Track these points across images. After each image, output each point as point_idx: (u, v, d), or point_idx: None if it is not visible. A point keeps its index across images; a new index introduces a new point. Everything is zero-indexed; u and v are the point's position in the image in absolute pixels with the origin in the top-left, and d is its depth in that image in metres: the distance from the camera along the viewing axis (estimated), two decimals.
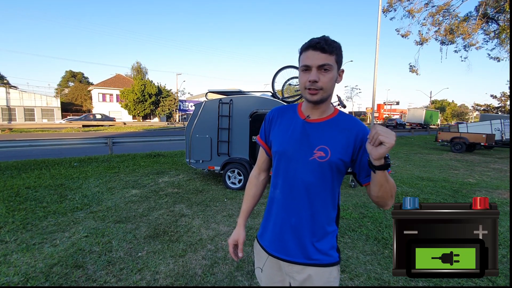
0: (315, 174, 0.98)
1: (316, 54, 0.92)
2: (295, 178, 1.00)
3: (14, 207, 3.90)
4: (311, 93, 0.95)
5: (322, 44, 0.91)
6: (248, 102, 5.13)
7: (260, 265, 1.11)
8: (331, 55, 0.92)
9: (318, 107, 1.01)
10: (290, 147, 1.02)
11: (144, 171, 6.53)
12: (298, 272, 1.02)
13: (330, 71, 0.93)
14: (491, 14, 12.95)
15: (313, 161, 0.97)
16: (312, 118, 1.02)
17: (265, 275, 1.10)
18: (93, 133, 19.41)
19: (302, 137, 1.01)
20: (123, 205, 4.14)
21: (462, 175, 7.06)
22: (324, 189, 0.99)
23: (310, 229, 1.00)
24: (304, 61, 0.95)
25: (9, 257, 2.62)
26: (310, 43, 0.94)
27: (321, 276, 1.00)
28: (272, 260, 1.07)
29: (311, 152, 0.98)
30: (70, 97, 43.19)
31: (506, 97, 26.49)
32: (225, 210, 4.04)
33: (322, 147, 0.97)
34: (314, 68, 0.92)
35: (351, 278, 2.42)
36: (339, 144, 0.97)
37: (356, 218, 3.76)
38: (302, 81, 0.96)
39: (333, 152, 0.96)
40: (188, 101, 38.28)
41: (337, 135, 0.98)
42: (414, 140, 17.91)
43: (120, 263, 2.57)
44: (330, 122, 1.01)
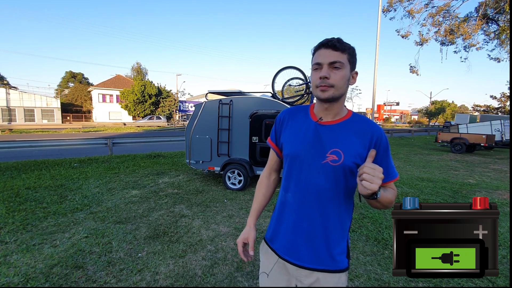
0: (328, 179, 0.95)
1: (327, 51, 0.92)
2: (307, 182, 0.98)
3: (14, 208, 3.90)
4: (322, 90, 0.93)
5: (334, 41, 0.92)
6: (248, 103, 5.13)
7: (267, 270, 1.09)
8: (343, 53, 0.92)
9: (331, 108, 0.99)
10: (302, 150, 0.99)
11: (144, 172, 6.53)
12: (306, 276, 1.01)
13: (342, 69, 0.92)
14: (491, 14, 12.96)
15: (325, 164, 0.95)
16: (325, 121, 1.00)
17: (271, 279, 1.08)
18: (93, 133, 19.42)
19: (314, 140, 0.98)
20: (123, 206, 4.14)
21: (462, 176, 7.05)
22: (338, 193, 0.97)
23: (322, 234, 0.98)
24: (315, 59, 0.94)
25: (9, 258, 2.62)
26: (322, 42, 0.94)
27: (329, 281, 0.99)
28: (280, 263, 1.06)
29: (323, 155, 0.95)
30: (70, 98, 43.18)
31: (506, 97, 26.51)
32: (225, 211, 4.04)
33: (335, 150, 0.95)
34: (325, 65, 0.91)
35: (351, 279, 2.42)
36: (353, 147, 0.95)
37: (356, 219, 3.76)
38: (314, 79, 0.95)
39: (346, 156, 0.93)
40: (188, 102, 38.29)
41: (351, 138, 0.96)
42: (414, 141, 17.93)
43: (120, 264, 2.57)
44: (344, 125, 0.99)
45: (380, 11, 13.13)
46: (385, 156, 0.97)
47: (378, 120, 57.08)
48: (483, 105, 31.12)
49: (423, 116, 57.77)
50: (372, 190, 0.78)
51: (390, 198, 0.92)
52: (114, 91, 39.41)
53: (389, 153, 0.99)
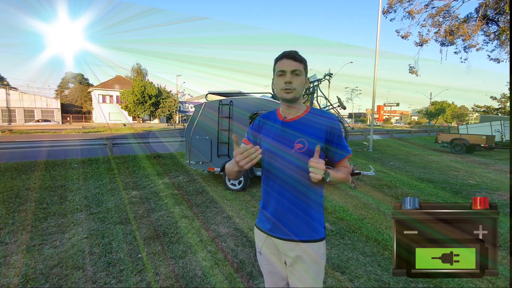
0: (299, 164, 1.14)
1: (289, 61, 1.14)
2: (282, 170, 1.17)
3: (14, 209, 3.90)
4: (286, 92, 1.14)
5: (294, 53, 1.15)
6: (248, 104, 5.13)
7: (259, 249, 1.29)
8: (300, 63, 1.15)
9: (293, 107, 1.21)
10: (274, 145, 1.19)
11: (144, 173, 6.52)
12: (291, 249, 1.17)
13: (301, 76, 1.15)
14: (491, 15, 12.97)
15: (295, 152, 1.15)
16: (289, 118, 1.22)
17: (264, 256, 1.27)
18: (93, 134, 19.42)
19: (282, 135, 1.19)
20: (123, 207, 4.14)
21: (462, 177, 7.05)
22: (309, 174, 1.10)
23: (301, 210, 1.16)
24: (279, 67, 1.15)
25: (9, 259, 2.62)
26: (284, 53, 1.17)
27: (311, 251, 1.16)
28: (269, 240, 1.23)
29: (292, 145, 1.16)
30: (70, 99, 43.21)
31: (506, 98, 26.50)
32: (225, 212, 4.04)
33: (300, 139, 1.16)
34: (288, 72, 1.13)
35: (351, 279, 2.41)
36: (314, 135, 1.16)
37: (356, 220, 3.76)
38: (279, 83, 1.16)
39: (309, 143, 1.14)
40: (188, 103, 38.29)
41: (311, 128, 1.17)
42: (414, 142, 17.92)
43: (120, 265, 2.57)
44: (304, 119, 1.21)
45: (380, 12, 13.14)
46: (339, 141, 1.19)
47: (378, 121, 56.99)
48: (483, 106, 31.09)
49: (423, 116, 57.80)
50: (318, 179, 1.03)
51: (342, 176, 1.15)
52: (114, 92, 39.44)
53: (342, 137, 1.20)
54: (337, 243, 3.09)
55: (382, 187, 5.67)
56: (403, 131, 28.19)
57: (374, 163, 8.78)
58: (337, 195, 4.98)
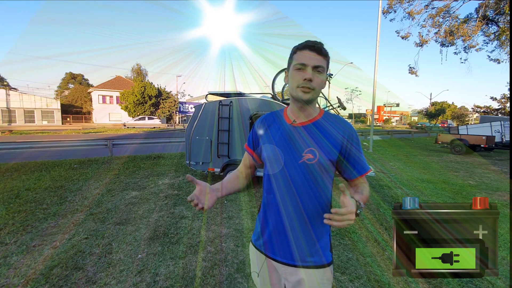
0: (306, 177, 0.98)
1: (313, 54, 0.93)
2: (286, 182, 1.00)
3: (14, 209, 3.89)
4: (304, 91, 0.94)
5: (319, 45, 0.94)
6: (248, 104, 5.13)
7: (257, 269, 1.12)
8: (325, 58, 0.95)
9: (305, 109, 1.01)
10: (278, 153, 1.02)
11: (144, 173, 6.52)
12: (291, 274, 1.02)
13: (323, 74, 0.95)
14: (491, 16, 13.00)
15: (302, 164, 0.98)
16: (298, 122, 1.03)
17: (261, 279, 1.10)
18: (93, 135, 19.42)
19: (290, 141, 1.01)
20: (123, 207, 4.14)
21: (462, 177, 7.05)
22: (317, 190, 0.99)
23: (304, 230, 1.00)
24: (299, 59, 0.94)
25: (9, 259, 2.62)
26: (307, 43, 0.95)
27: (314, 278, 1.00)
28: (269, 262, 1.07)
29: (300, 155, 0.98)
30: (70, 99, 43.19)
31: (506, 99, 26.51)
32: (225, 212, 4.04)
33: (310, 149, 0.97)
34: (310, 67, 0.93)
35: (351, 280, 2.41)
36: (327, 145, 0.98)
37: (356, 220, 3.76)
38: (296, 78, 0.95)
39: (321, 154, 0.97)
40: (188, 103, 38.30)
41: (324, 137, 0.99)
42: (414, 142, 17.91)
43: (120, 265, 2.57)
44: (316, 124, 1.01)
45: (380, 12, 13.16)
46: (357, 151, 1.01)
47: (378, 122, 57.01)
48: (483, 106, 31.08)
49: (423, 117, 57.78)
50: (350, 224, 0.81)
51: (365, 195, 0.96)
52: (114, 92, 39.45)
53: (361, 148, 1.03)
54: (337, 244, 3.09)
55: (382, 187, 5.67)
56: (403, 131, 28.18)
57: (374, 163, 8.78)
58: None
